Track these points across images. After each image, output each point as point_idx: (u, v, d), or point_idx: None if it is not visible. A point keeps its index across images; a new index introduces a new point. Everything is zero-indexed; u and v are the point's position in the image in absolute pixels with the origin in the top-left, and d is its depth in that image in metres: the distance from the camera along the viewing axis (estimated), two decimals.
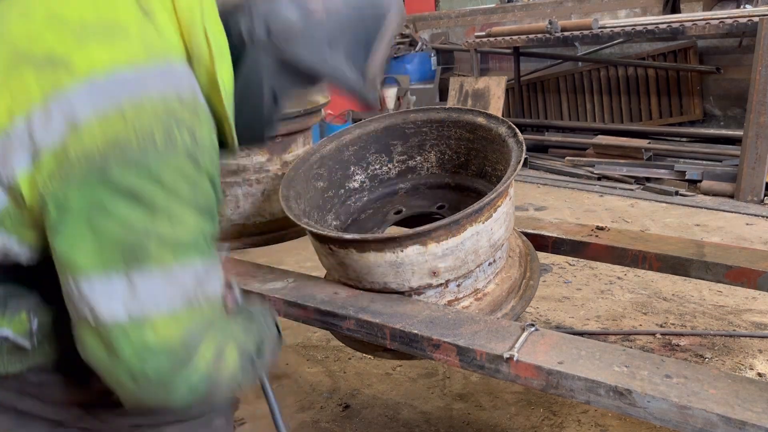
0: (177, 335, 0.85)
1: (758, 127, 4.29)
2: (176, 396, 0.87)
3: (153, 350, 0.83)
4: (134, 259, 0.82)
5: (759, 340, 2.57)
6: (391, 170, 2.04)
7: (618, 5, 6.03)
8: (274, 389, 2.51)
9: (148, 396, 0.86)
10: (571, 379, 1.18)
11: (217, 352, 0.90)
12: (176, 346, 0.85)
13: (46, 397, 1.00)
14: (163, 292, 0.84)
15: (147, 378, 0.84)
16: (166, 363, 0.84)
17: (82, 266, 0.82)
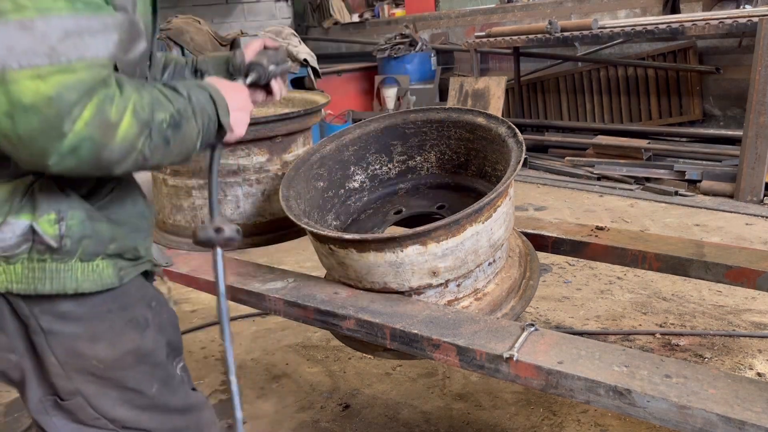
0: (42, 94, 0.79)
1: (758, 127, 4.29)
2: (56, 157, 0.83)
3: (18, 107, 0.79)
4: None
5: (758, 340, 2.58)
6: (391, 170, 2.04)
7: (618, 5, 6.03)
8: (273, 389, 2.52)
9: (27, 156, 0.83)
10: (570, 379, 1.18)
11: (101, 115, 0.84)
12: (42, 104, 0.79)
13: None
14: (21, 43, 0.78)
15: (18, 137, 0.80)
16: (35, 121, 0.80)
17: None
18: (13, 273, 0.96)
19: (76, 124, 0.82)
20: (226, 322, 1.15)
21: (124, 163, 0.90)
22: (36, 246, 0.96)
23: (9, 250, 0.95)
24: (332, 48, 9.13)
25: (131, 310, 1.10)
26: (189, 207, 2.01)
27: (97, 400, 1.07)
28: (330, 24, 9.02)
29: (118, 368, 1.08)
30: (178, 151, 1.01)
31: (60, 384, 1.04)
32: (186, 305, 3.35)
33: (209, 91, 1.09)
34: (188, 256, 1.94)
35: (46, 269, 0.97)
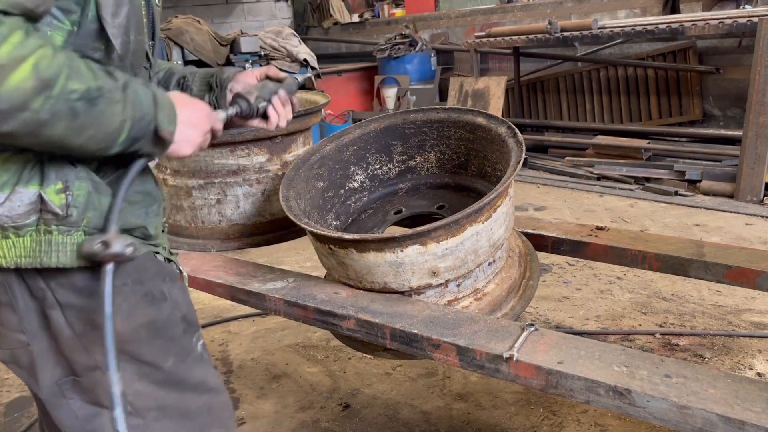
0: None
1: (758, 127, 4.29)
2: None
3: None
4: None
5: (758, 340, 2.58)
6: (391, 170, 2.04)
7: (618, 5, 6.03)
8: (273, 389, 2.52)
9: None
10: (570, 379, 1.18)
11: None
12: None
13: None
14: None
15: None
16: None
17: None
18: (22, 247, 0.96)
19: None
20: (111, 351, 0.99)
21: (11, 120, 0.83)
22: (43, 216, 0.96)
23: (18, 220, 0.95)
24: (332, 48, 9.13)
25: (147, 284, 1.09)
26: (189, 207, 2.01)
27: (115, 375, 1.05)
28: (330, 24, 9.02)
29: (133, 341, 1.07)
30: (91, 134, 0.92)
31: (78, 359, 1.03)
32: None
33: (154, 93, 1.03)
34: (188, 255, 1.94)
35: (52, 242, 0.97)
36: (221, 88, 1.41)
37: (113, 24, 0.98)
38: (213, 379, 1.21)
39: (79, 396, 1.05)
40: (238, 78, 1.41)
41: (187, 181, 1.98)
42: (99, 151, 0.97)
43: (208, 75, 1.44)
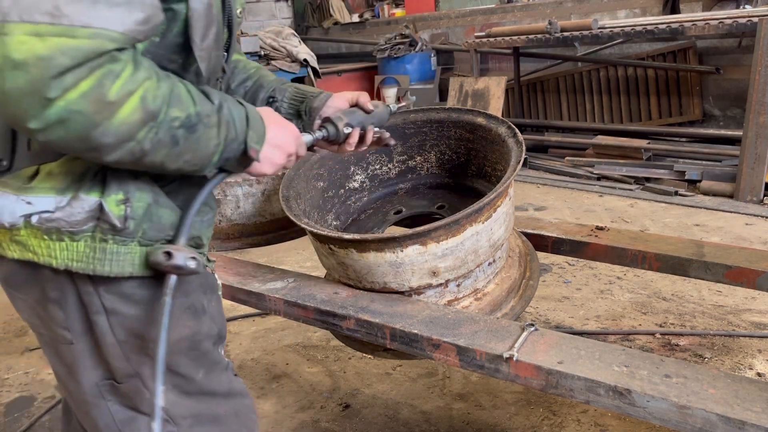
0: (34, 53, 0.75)
1: (758, 127, 4.29)
2: (38, 123, 0.78)
3: (8, 62, 0.75)
4: None
5: (758, 340, 2.58)
6: (391, 170, 2.04)
7: (617, 5, 6.03)
8: (273, 389, 2.52)
9: (9, 116, 0.79)
10: (570, 379, 1.18)
11: (99, 90, 0.80)
12: (31, 62, 0.75)
13: None
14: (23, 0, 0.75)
15: (3, 93, 0.76)
16: (22, 80, 0.75)
17: None
18: (75, 251, 0.96)
19: (68, 94, 0.77)
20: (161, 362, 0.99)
21: (117, 151, 0.85)
22: (101, 225, 0.96)
23: (76, 226, 0.95)
24: (332, 48, 9.13)
25: (191, 297, 1.09)
26: None
27: (153, 383, 1.03)
28: (330, 24, 9.02)
29: (173, 353, 1.06)
30: (188, 158, 0.94)
31: (118, 365, 1.03)
32: None
33: (247, 111, 1.03)
34: None
35: (107, 250, 0.97)
36: (310, 116, 1.40)
37: (201, 47, 0.97)
38: (238, 384, 1.22)
39: (117, 399, 1.05)
40: (329, 103, 1.42)
41: None
42: (193, 172, 0.99)
43: (298, 99, 1.42)
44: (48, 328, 1.03)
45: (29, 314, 1.05)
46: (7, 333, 3.14)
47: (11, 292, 1.05)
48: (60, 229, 0.95)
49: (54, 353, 1.06)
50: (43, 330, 1.05)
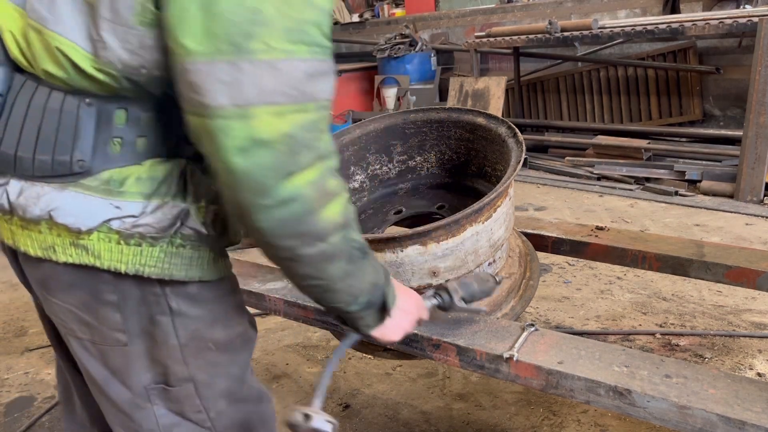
0: (279, 131, 0.80)
1: (758, 127, 4.29)
2: (270, 201, 0.82)
3: (255, 143, 0.80)
4: (240, 43, 0.78)
5: (759, 340, 2.58)
6: (391, 170, 2.04)
7: (618, 5, 6.03)
8: (273, 389, 2.52)
9: (244, 195, 0.82)
10: (570, 379, 1.18)
11: (323, 180, 0.86)
12: (278, 140, 0.80)
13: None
14: (267, 82, 0.80)
15: (245, 172, 0.80)
16: (268, 158, 0.80)
17: (188, 47, 0.79)
18: (149, 256, 0.94)
19: (298, 176, 0.82)
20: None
21: (314, 246, 0.89)
22: (182, 230, 0.96)
23: (161, 231, 0.94)
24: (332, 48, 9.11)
25: (237, 295, 1.12)
26: None
27: (204, 389, 1.06)
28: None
29: (229, 351, 1.08)
30: (351, 283, 0.98)
31: (175, 369, 1.02)
32: None
33: (385, 268, 1.06)
34: None
35: (183, 255, 0.97)
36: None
37: None
38: (264, 387, 1.22)
39: (164, 404, 1.04)
40: None
41: None
42: (340, 304, 1.01)
43: None
44: (95, 332, 1.00)
45: (68, 318, 1.01)
46: (7, 333, 3.14)
47: (45, 296, 1.01)
48: (144, 235, 0.93)
49: (98, 357, 1.03)
50: (85, 334, 1.01)
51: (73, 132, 0.89)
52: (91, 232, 0.92)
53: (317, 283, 0.96)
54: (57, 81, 0.89)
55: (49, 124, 0.89)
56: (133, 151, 0.93)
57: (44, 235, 0.93)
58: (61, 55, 0.86)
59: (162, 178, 0.94)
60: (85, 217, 0.91)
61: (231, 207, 0.88)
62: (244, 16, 0.78)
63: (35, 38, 0.87)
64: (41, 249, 0.94)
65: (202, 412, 1.07)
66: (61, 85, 0.89)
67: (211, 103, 0.79)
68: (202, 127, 0.81)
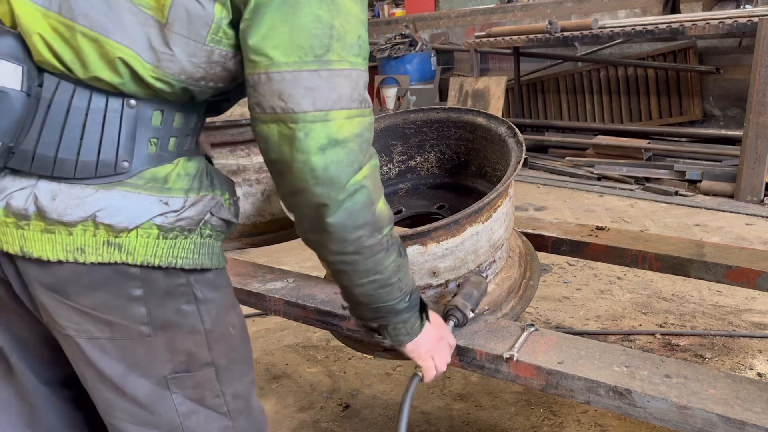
0: (352, 132, 0.92)
1: (758, 127, 4.29)
2: (343, 195, 0.92)
3: (332, 143, 0.90)
4: (321, 55, 0.89)
5: (759, 340, 2.58)
6: (391, 170, 2.04)
7: (618, 5, 6.03)
8: (273, 389, 2.52)
9: (322, 189, 0.91)
10: (571, 379, 1.18)
11: (375, 174, 0.98)
12: (350, 138, 0.91)
13: None
14: (345, 88, 0.91)
15: (325, 170, 0.90)
16: (343, 155, 0.91)
17: (275, 59, 0.88)
18: (182, 248, 0.99)
19: (363, 170, 0.94)
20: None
21: (372, 237, 0.99)
22: (211, 221, 1.02)
23: (196, 225, 1.00)
24: None
25: (231, 287, 1.16)
26: None
27: (224, 373, 1.10)
28: None
29: (243, 334, 1.14)
30: (401, 277, 1.08)
31: (199, 354, 1.06)
32: None
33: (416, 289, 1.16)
34: None
35: (208, 245, 1.03)
36: None
37: None
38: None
39: (182, 392, 1.07)
40: None
41: None
42: (393, 301, 1.10)
43: None
44: (116, 329, 1.00)
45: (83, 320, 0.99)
46: None
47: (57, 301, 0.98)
48: (183, 228, 0.98)
49: (116, 353, 1.02)
50: (104, 333, 1.00)
51: (117, 133, 0.92)
52: (130, 229, 0.94)
53: (375, 278, 1.04)
54: (104, 85, 0.91)
55: (93, 126, 0.91)
56: (167, 150, 0.98)
57: (74, 237, 0.93)
58: (122, 64, 0.89)
59: (194, 174, 1.00)
60: (134, 215, 0.94)
61: (306, 207, 0.95)
62: (322, 30, 0.89)
63: (88, 45, 0.89)
64: (65, 252, 0.93)
65: (220, 396, 1.09)
66: (106, 88, 0.91)
67: (296, 108, 0.89)
68: (281, 132, 0.90)
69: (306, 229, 0.99)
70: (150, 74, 0.91)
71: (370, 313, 1.13)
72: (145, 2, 0.89)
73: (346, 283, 1.06)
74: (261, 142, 0.94)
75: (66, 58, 0.89)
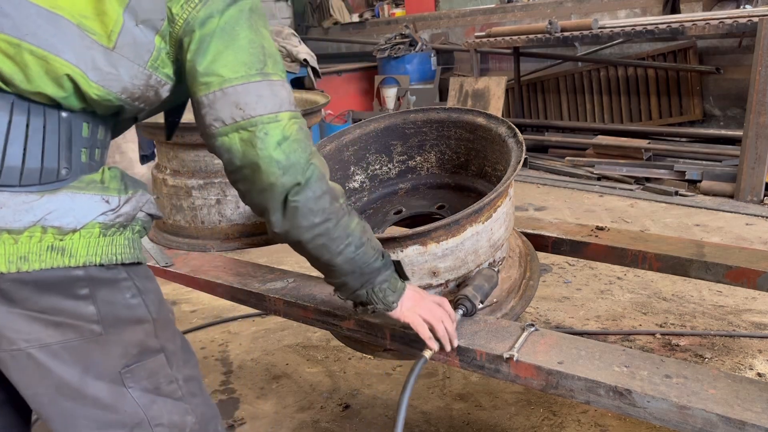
0: (297, 129, 1.08)
1: (758, 127, 4.29)
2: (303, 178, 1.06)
3: (285, 138, 1.05)
4: (261, 68, 1.06)
5: (759, 340, 2.58)
6: (391, 170, 2.04)
7: (618, 5, 6.03)
8: (273, 389, 2.52)
9: (287, 179, 1.05)
10: (570, 379, 1.18)
11: (320, 159, 1.12)
12: (298, 134, 1.07)
13: None
14: (283, 95, 1.08)
15: (287, 159, 1.04)
16: (297, 146, 1.06)
17: (226, 76, 1.03)
18: (119, 244, 1.06)
19: (311, 154, 1.10)
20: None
21: (335, 202, 1.13)
22: (140, 217, 1.10)
23: (129, 220, 1.07)
24: (332, 48, 9.13)
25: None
26: (189, 207, 2.01)
27: (172, 357, 1.15)
28: (330, 24, 9.02)
29: (174, 319, 1.21)
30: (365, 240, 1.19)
31: (149, 343, 1.11)
32: (186, 305, 3.35)
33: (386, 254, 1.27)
34: (188, 256, 1.94)
35: (137, 240, 1.11)
36: None
37: None
38: None
39: (138, 385, 1.10)
40: None
41: (187, 181, 1.97)
42: (371, 258, 1.21)
43: None
44: (68, 330, 1.02)
45: (33, 328, 1.00)
46: None
47: (4, 309, 0.99)
48: (120, 224, 1.05)
49: (70, 357, 1.04)
50: (55, 337, 1.02)
51: (57, 141, 1.00)
52: (78, 229, 1.00)
53: (350, 240, 1.16)
54: (44, 99, 0.97)
55: (35, 135, 0.97)
56: (94, 160, 1.07)
57: (19, 245, 0.96)
58: (68, 80, 0.97)
59: (119, 177, 1.09)
60: (82, 214, 1.00)
61: (276, 199, 1.07)
62: (257, 50, 1.06)
63: (35, 62, 0.95)
64: (7, 263, 0.96)
65: (174, 381, 1.14)
66: (44, 101, 0.98)
67: (253, 113, 1.04)
68: (242, 138, 1.04)
69: (278, 220, 1.09)
70: (95, 92, 1.00)
71: (356, 280, 1.22)
72: (91, 29, 0.97)
73: (328, 256, 1.16)
74: (224, 154, 1.06)
75: (5, 72, 0.95)
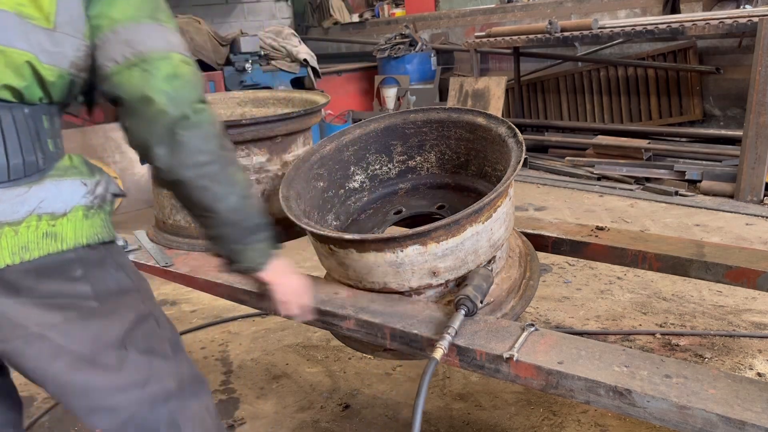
0: (188, 72, 1.13)
1: (758, 127, 4.29)
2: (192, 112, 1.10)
3: (175, 75, 1.10)
4: (152, 14, 1.12)
5: (759, 340, 2.58)
6: (391, 170, 2.04)
7: (618, 5, 6.03)
8: (273, 389, 2.52)
9: (175, 110, 1.09)
10: (570, 379, 1.18)
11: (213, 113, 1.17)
12: (189, 77, 1.13)
13: None
14: (175, 41, 1.14)
15: (175, 92, 1.09)
16: (186, 84, 1.11)
17: (116, 17, 1.08)
18: (98, 225, 1.13)
19: (204, 101, 1.15)
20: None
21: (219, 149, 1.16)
22: (108, 198, 1.17)
23: (102, 201, 1.14)
24: (332, 48, 9.13)
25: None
26: None
27: (161, 319, 1.24)
28: (330, 24, 9.02)
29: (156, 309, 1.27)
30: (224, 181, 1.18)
31: (139, 309, 1.18)
32: (186, 305, 3.35)
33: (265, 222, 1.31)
34: (188, 256, 1.94)
35: (109, 219, 1.18)
36: None
37: None
38: None
39: (135, 348, 1.16)
40: None
41: None
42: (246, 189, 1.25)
43: None
44: (69, 310, 1.09)
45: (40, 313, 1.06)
46: None
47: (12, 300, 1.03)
48: (99, 205, 1.13)
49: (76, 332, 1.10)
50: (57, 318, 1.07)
51: (29, 135, 1.05)
52: (67, 213, 1.07)
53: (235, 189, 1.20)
54: (9, 93, 1.02)
55: (10, 132, 1.03)
56: (59, 148, 1.13)
57: (19, 236, 1.02)
58: (28, 67, 1.02)
59: (85, 162, 1.16)
60: (68, 198, 1.08)
61: (164, 133, 1.10)
62: (149, 2, 1.13)
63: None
64: (11, 255, 1.02)
65: (164, 341, 1.22)
66: (9, 98, 1.02)
67: (143, 49, 1.09)
68: (133, 75, 1.08)
69: (163, 153, 1.11)
70: (49, 73, 1.04)
71: (234, 233, 1.25)
72: (29, 15, 1.01)
73: (208, 201, 1.18)
74: (117, 91, 1.10)
75: None
